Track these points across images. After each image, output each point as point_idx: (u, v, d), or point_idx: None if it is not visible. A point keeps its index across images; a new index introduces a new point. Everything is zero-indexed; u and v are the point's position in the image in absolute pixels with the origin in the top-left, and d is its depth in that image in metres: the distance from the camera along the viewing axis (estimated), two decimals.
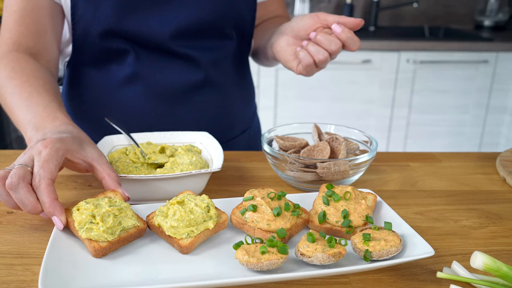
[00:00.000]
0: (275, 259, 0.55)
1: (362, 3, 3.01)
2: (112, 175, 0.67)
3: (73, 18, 0.89)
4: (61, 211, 0.61)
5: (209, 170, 0.72)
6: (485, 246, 0.65)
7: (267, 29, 1.03)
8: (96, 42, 0.90)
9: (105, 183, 0.67)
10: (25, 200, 0.61)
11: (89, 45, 0.92)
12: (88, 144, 0.71)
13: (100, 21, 0.88)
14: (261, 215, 0.62)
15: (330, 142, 0.82)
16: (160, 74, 0.94)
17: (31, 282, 0.55)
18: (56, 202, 0.61)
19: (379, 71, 2.54)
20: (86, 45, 0.92)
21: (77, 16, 0.89)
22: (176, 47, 0.92)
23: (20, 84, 0.81)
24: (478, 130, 2.69)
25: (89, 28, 0.89)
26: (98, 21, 0.88)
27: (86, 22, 0.89)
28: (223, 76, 1.01)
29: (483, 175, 0.88)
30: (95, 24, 0.88)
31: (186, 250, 0.59)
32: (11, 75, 0.83)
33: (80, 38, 0.91)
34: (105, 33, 0.89)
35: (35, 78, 0.83)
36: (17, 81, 0.82)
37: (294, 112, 2.57)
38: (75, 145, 0.68)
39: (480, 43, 2.49)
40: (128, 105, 0.95)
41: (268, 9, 1.11)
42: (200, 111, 0.99)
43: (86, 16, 0.88)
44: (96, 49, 0.92)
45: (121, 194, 0.66)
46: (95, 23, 0.88)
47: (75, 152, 0.67)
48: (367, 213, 0.65)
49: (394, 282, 0.57)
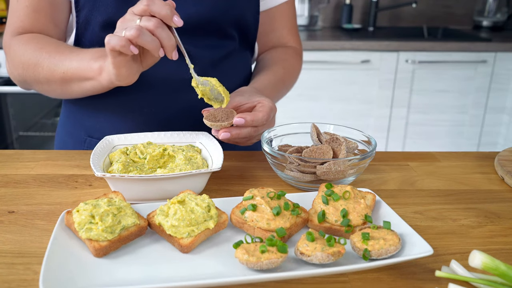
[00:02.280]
0: (275, 258, 0.55)
1: (361, 4, 3.01)
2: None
3: (76, 6, 0.91)
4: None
5: (209, 169, 0.72)
6: (484, 245, 0.65)
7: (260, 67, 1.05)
8: (96, 31, 0.91)
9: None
10: (164, 33, 0.72)
11: (90, 35, 0.93)
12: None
13: (100, 10, 0.89)
14: (261, 215, 0.63)
15: (330, 142, 0.82)
16: (154, 68, 0.94)
17: (32, 281, 0.55)
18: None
19: (378, 71, 2.54)
20: (87, 35, 0.93)
21: (80, 5, 0.91)
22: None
23: (55, 49, 0.88)
24: (476, 129, 2.69)
25: (90, 17, 0.91)
26: (98, 10, 0.89)
27: (87, 10, 0.90)
28: (222, 75, 1.00)
29: (482, 175, 0.89)
30: (96, 13, 0.90)
31: (187, 249, 0.60)
32: (39, 46, 0.89)
33: (82, 27, 0.92)
34: (105, 23, 0.90)
35: (62, 43, 0.90)
36: (50, 47, 0.89)
37: (293, 112, 2.57)
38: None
39: (478, 43, 2.50)
40: (123, 98, 0.95)
41: (275, 25, 1.09)
42: (196, 108, 0.99)
43: (87, 4, 0.90)
44: (96, 39, 0.93)
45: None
46: (96, 12, 0.90)
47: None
48: (366, 212, 0.66)
49: (393, 281, 0.57)
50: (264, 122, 0.80)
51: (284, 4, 1.08)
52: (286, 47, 1.11)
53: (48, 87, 0.91)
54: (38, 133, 2.82)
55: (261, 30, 1.08)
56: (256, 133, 0.81)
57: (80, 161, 0.90)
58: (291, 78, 1.09)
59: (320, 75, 2.54)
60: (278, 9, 1.07)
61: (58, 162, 0.89)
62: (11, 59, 0.94)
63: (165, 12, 0.72)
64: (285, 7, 1.08)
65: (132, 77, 0.79)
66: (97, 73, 0.81)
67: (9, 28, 0.94)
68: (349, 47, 2.47)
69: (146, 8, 0.72)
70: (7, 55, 0.95)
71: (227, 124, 0.78)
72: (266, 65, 1.05)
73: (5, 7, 2.79)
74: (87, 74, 0.83)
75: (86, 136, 1.00)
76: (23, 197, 0.76)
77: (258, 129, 0.81)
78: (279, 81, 1.03)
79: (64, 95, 0.93)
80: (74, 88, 0.88)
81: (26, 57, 0.89)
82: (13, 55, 0.92)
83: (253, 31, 1.04)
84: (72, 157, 0.92)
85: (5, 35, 0.95)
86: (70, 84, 0.87)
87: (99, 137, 0.97)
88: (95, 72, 0.81)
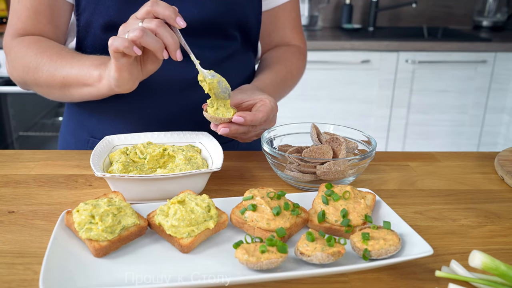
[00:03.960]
0: (275, 258, 0.55)
1: (361, 4, 3.01)
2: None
3: (77, 9, 0.91)
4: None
5: (209, 170, 0.72)
6: (484, 245, 0.66)
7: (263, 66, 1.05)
8: (98, 34, 0.92)
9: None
10: (167, 32, 0.72)
11: (92, 38, 0.93)
12: None
13: (102, 13, 0.89)
14: (261, 215, 0.63)
15: (330, 142, 0.82)
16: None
17: (32, 281, 0.55)
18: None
19: (378, 71, 2.54)
20: (89, 38, 0.93)
21: (81, 8, 0.91)
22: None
23: (56, 53, 0.88)
24: (476, 129, 2.69)
25: (91, 20, 0.91)
26: (100, 13, 0.89)
27: (89, 13, 0.90)
28: (224, 76, 1.00)
29: (482, 175, 0.89)
30: (97, 15, 0.90)
31: (187, 249, 0.60)
32: (40, 49, 0.89)
33: (83, 30, 0.93)
34: (106, 25, 0.90)
35: (63, 47, 0.91)
36: (51, 51, 0.89)
37: (293, 112, 2.57)
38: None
39: (478, 43, 2.50)
40: (124, 99, 0.95)
41: (278, 24, 1.09)
42: (197, 110, 0.99)
43: (89, 7, 0.90)
44: (98, 42, 0.93)
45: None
46: (97, 15, 0.90)
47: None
48: (366, 212, 0.66)
49: (393, 281, 0.57)
50: (263, 122, 0.80)
51: (288, 3, 1.07)
52: (290, 46, 1.11)
53: (48, 90, 0.92)
54: (38, 133, 2.82)
55: (265, 29, 1.08)
56: (255, 131, 0.82)
57: (80, 161, 0.90)
58: (293, 76, 1.09)
59: (320, 75, 2.54)
60: (281, 8, 1.07)
61: (58, 162, 0.89)
62: (11, 60, 0.94)
63: (169, 13, 0.72)
64: (288, 6, 1.08)
65: (132, 84, 0.79)
66: (97, 80, 0.82)
67: (10, 30, 0.94)
68: (349, 47, 2.47)
69: (149, 9, 0.73)
70: (7, 56, 0.95)
71: (227, 119, 0.78)
72: (269, 64, 1.05)
73: (5, 7, 2.79)
74: (86, 80, 0.84)
75: (89, 137, 1.01)
76: (23, 197, 0.76)
77: (257, 127, 0.81)
78: (281, 80, 1.03)
79: (63, 99, 0.94)
80: (73, 93, 0.89)
81: (27, 60, 0.89)
82: (14, 57, 0.93)
83: (255, 32, 1.04)
84: (72, 157, 0.92)
85: (5, 36, 0.95)
86: (70, 89, 0.88)
87: (101, 138, 0.97)
88: (95, 79, 0.82)
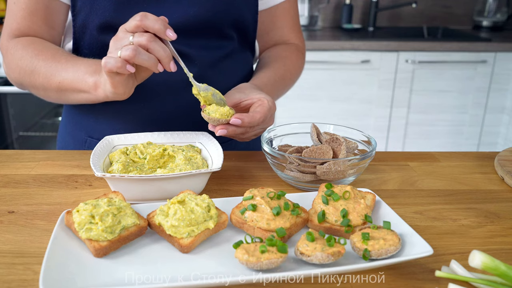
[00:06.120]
0: (275, 258, 0.55)
1: (361, 4, 3.01)
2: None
3: (73, 10, 0.91)
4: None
5: (209, 170, 0.72)
6: (484, 245, 0.66)
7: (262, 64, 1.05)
8: (94, 34, 0.92)
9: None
10: (159, 47, 0.72)
11: (88, 38, 0.93)
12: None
13: (98, 13, 0.89)
14: (261, 215, 0.63)
15: (330, 142, 0.82)
16: None
17: (32, 282, 0.55)
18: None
19: (378, 71, 2.54)
20: (85, 38, 0.93)
21: (77, 8, 0.91)
22: (172, 43, 0.93)
23: (52, 56, 0.88)
24: (476, 129, 2.70)
25: (87, 20, 0.91)
26: (96, 13, 0.89)
27: (85, 14, 0.90)
28: (221, 76, 1.00)
29: (482, 175, 0.89)
30: (93, 16, 0.90)
31: (186, 250, 0.60)
32: (36, 52, 0.89)
33: (80, 30, 0.93)
34: (102, 26, 0.90)
35: (59, 49, 0.91)
36: (47, 54, 0.88)
37: (293, 112, 2.57)
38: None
39: (478, 43, 2.50)
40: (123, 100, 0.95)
41: (276, 23, 1.08)
42: (194, 110, 0.99)
43: (85, 8, 0.90)
44: (94, 43, 0.93)
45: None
46: (93, 15, 0.90)
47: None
48: (366, 212, 0.66)
49: (393, 281, 0.57)
50: (261, 122, 0.80)
51: (286, 2, 1.07)
52: (288, 44, 1.11)
53: (44, 93, 0.92)
54: (38, 133, 2.82)
55: (263, 28, 1.08)
56: (253, 131, 0.82)
57: (80, 161, 0.90)
58: (292, 75, 1.09)
59: (320, 75, 2.54)
60: (279, 7, 1.07)
61: (58, 162, 0.89)
62: (8, 62, 0.94)
63: (158, 27, 0.72)
64: (286, 5, 1.08)
65: (128, 92, 0.80)
66: (92, 88, 0.82)
67: (6, 30, 0.94)
68: (349, 47, 2.47)
69: (139, 23, 0.72)
70: (4, 57, 0.95)
71: (224, 121, 0.78)
72: (267, 62, 1.05)
73: (5, 7, 2.79)
74: (82, 87, 0.84)
75: (87, 137, 1.01)
76: (23, 197, 0.76)
77: (255, 127, 0.82)
78: (280, 78, 1.03)
79: (60, 102, 0.94)
80: (70, 97, 0.89)
81: (23, 63, 0.90)
82: (10, 58, 0.93)
83: (252, 31, 1.04)
84: (72, 157, 0.92)
85: (2, 37, 0.95)
86: (66, 93, 0.88)
87: (99, 138, 0.97)
88: (90, 87, 0.82)
